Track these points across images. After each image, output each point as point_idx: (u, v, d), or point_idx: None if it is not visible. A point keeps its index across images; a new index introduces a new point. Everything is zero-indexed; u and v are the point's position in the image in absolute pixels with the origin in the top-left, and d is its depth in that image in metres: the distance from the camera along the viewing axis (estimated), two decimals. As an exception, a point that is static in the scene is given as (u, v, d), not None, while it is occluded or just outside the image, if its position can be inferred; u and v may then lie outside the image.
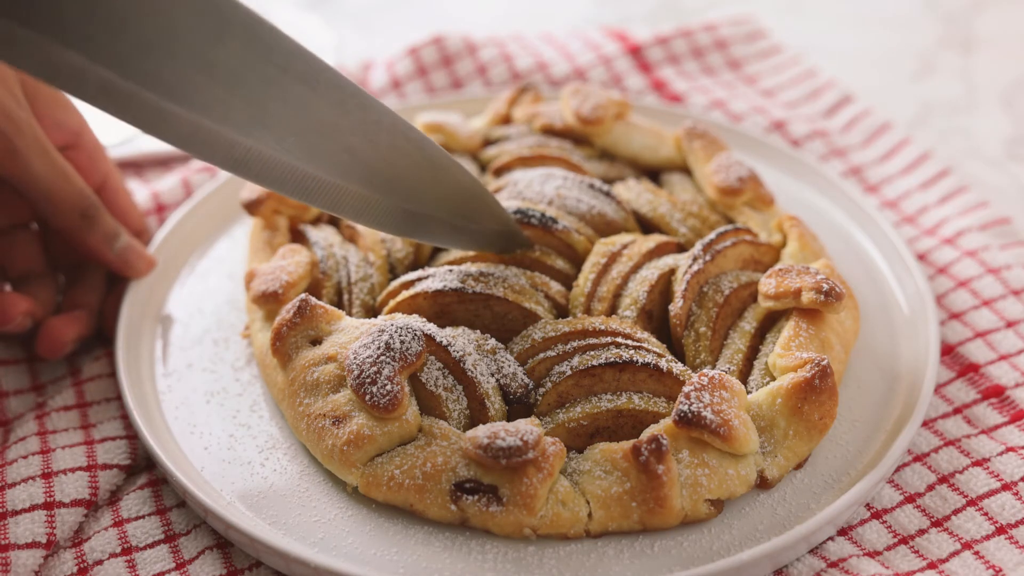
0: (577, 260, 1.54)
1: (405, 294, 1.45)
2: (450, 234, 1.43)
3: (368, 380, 1.30)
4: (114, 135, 2.03)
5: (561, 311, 1.48)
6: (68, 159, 1.53)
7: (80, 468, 1.38)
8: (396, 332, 1.35)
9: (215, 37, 1.17)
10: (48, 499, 1.34)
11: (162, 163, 2.01)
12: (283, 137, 1.24)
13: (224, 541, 1.33)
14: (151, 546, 1.33)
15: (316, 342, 1.41)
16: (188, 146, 1.19)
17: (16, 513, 1.32)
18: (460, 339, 1.38)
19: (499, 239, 1.49)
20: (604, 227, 1.59)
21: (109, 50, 1.10)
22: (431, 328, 1.38)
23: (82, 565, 1.30)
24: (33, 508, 1.33)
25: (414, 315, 1.42)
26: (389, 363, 1.32)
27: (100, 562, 1.30)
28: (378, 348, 1.33)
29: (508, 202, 1.58)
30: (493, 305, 1.42)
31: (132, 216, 1.67)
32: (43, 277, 1.58)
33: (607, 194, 1.62)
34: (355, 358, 1.33)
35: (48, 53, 1.07)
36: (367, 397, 1.29)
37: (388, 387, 1.30)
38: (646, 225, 1.63)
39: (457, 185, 1.41)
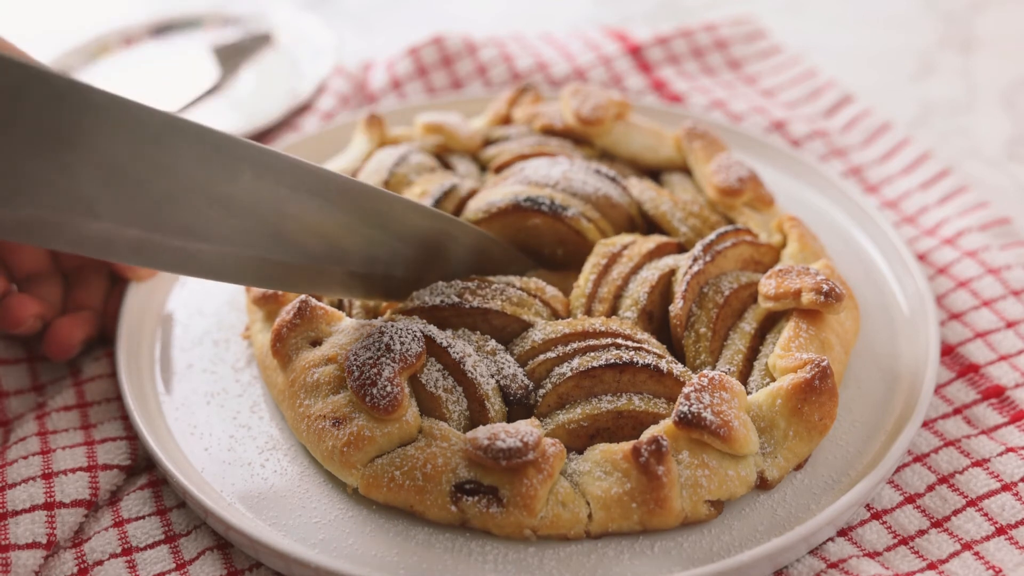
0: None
1: (401, 307, 1.45)
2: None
3: (368, 381, 1.30)
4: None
5: (559, 318, 1.47)
6: None
7: (80, 468, 1.38)
8: (396, 333, 1.35)
9: (228, 175, 1.21)
10: (48, 499, 1.34)
11: (162, 163, 2.01)
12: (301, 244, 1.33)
13: (224, 542, 1.33)
14: (151, 546, 1.33)
15: (316, 343, 1.41)
16: (219, 276, 1.29)
17: (16, 513, 1.32)
18: (460, 341, 1.38)
19: (465, 263, 1.49)
20: (609, 209, 1.60)
21: (133, 211, 1.16)
22: (431, 330, 1.38)
23: (82, 565, 1.30)
24: (33, 508, 1.33)
25: (414, 317, 1.42)
26: (389, 364, 1.32)
27: (100, 562, 1.30)
28: (378, 349, 1.33)
29: (514, 187, 1.59)
30: (492, 319, 1.42)
31: None
32: (50, 277, 1.58)
33: (613, 179, 1.63)
34: (355, 359, 1.33)
35: (77, 229, 1.12)
36: (367, 398, 1.29)
37: (388, 388, 1.30)
38: (648, 222, 1.63)
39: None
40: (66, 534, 1.33)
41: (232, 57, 2.31)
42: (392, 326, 1.36)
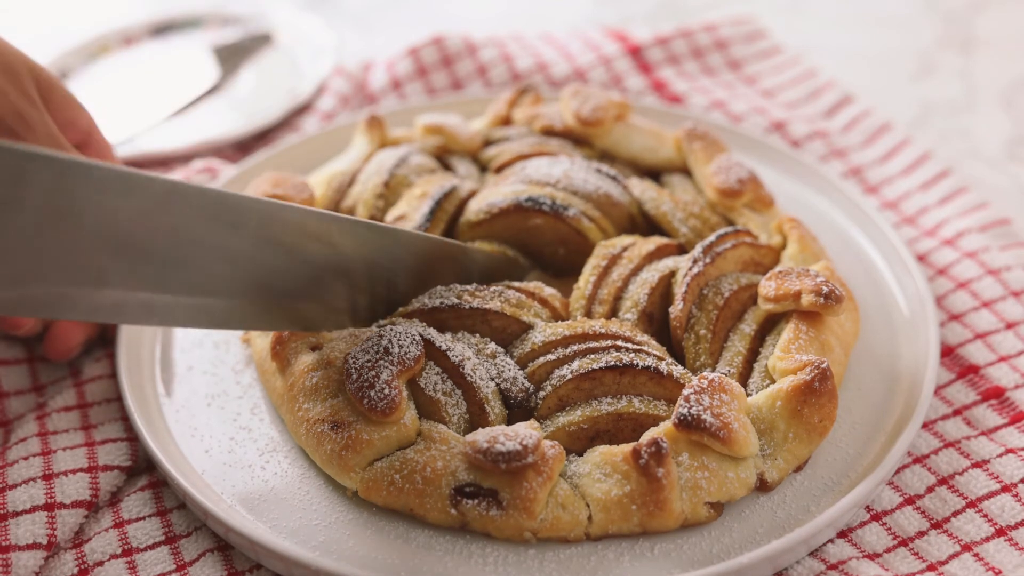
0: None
1: (402, 310, 1.45)
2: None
3: (366, 384, 1.30)
4: (114, 135, 2.03)
5: (558, 318, 1.48)
6: None
7: (81, 469, 1.38)
8: (395, 336, 1.35)
9: (233, 230, 1.24)
10: (49, 500, 1.34)
11: (162, 163, 2.01)
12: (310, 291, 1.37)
13: (225, 543, 1.33)
14: (152, 547, 1.33)
15: (316, 348, 1.42)
16: (233, 326, 1.33)
17: (17, 514, 1.32)
18: (459, 344, 1.38)
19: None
20: (610, 208, 1.60)
21: (142, 276, 1.19)
22: (431, 333, 1.38)
23: (83, 566, 1.30)
24: (34, 509, 1.33)
25: (413, 319, 1.42)
26: (387, 367, 1.32)
27: (101, 563, 1.30)
28: (377, 352, 1.33)
29: (515, 186, 1.59)
30: (491, 320, 1.42)
31: None
32: None
33: (613, 178, 1.63)
34: (353, 362, 1.33)
35: (88, 299, 1.16)
36: (365, 401, 1.29)
37: (386, 391, 1.30)
38: (648, 222, 1.63)
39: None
40: (66, 535, 1.33)
41: (232, 57, 2.31)
42: (391, 329, 1.36)
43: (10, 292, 1.10)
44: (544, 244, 1.60)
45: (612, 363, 1.34)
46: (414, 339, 1.35)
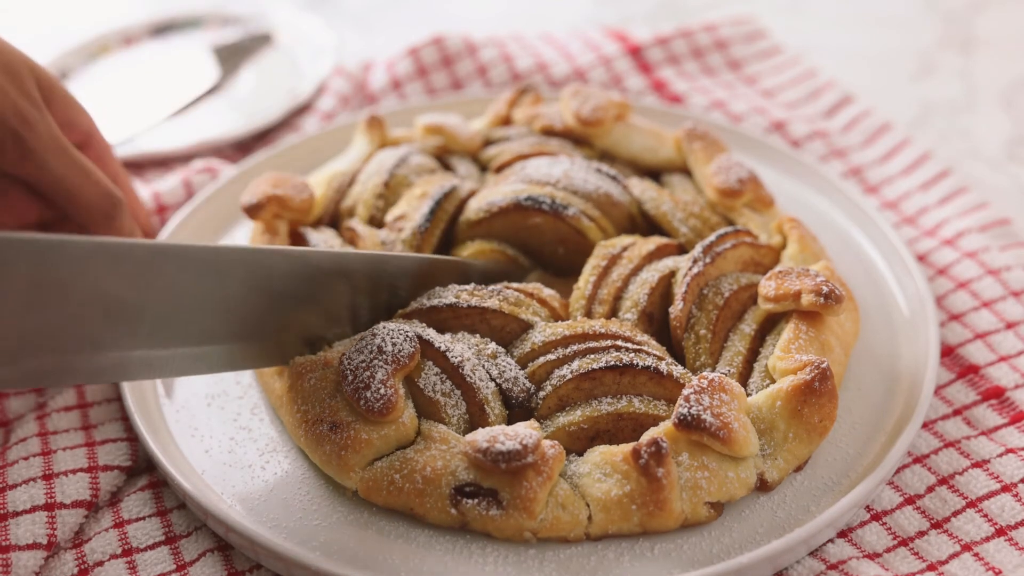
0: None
1: (401, 311, 1.45)
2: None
3: (362, 385, 1.30)
4: (114, 135, 2.03)
5: (557, 317, 1.48)
6: None
7: (81, 469, 1.38)
8: (388, 335, 1.35)
9: (220, 280, 1.27)
10: (49, 500, 1.34)
11: (162, 163, 2.01)
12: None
13: (225, 544, 1.33)
14: (152, 547, 1.33)
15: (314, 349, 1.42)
16: (233, 368, 1.36)
17: (17, 514, 1.32)
18: (459, 344, 1.38)
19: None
20: (610, 207, 1.60)
21: (136, 336, 1.21)
22: (430, 333, 1.38)
23: (83, 566, 1.30)
24: (34, 509, 1.33)
25: (413, 320, 1.42)
26: (382, 366, 1.32)
27: (101, 563, 1.30)
28: (371, 352, 1.33)
29: (515, 186, 1.60)
30: (490, 318, 1.42)
31: (140, 215, 1.68)
32: None
33: (613, 178, 1.63)
34: (349, 363, 1.33)
35: (86, 365, 1.18)
36: (362, 402, 1.29)
37: (382, 391, 1.30)
38: (648, 222, 1.63)
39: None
40: (66, 535, 1.33)
41: (232, 57, 2.31)
42: (384, 328, 1.36)
43: (9, 370, 1.12)
44: (544, 243, 1.60)
45: (612, 363, 1.34)
46: (407, 336, 1.35)
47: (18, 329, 1.10)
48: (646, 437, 1.27)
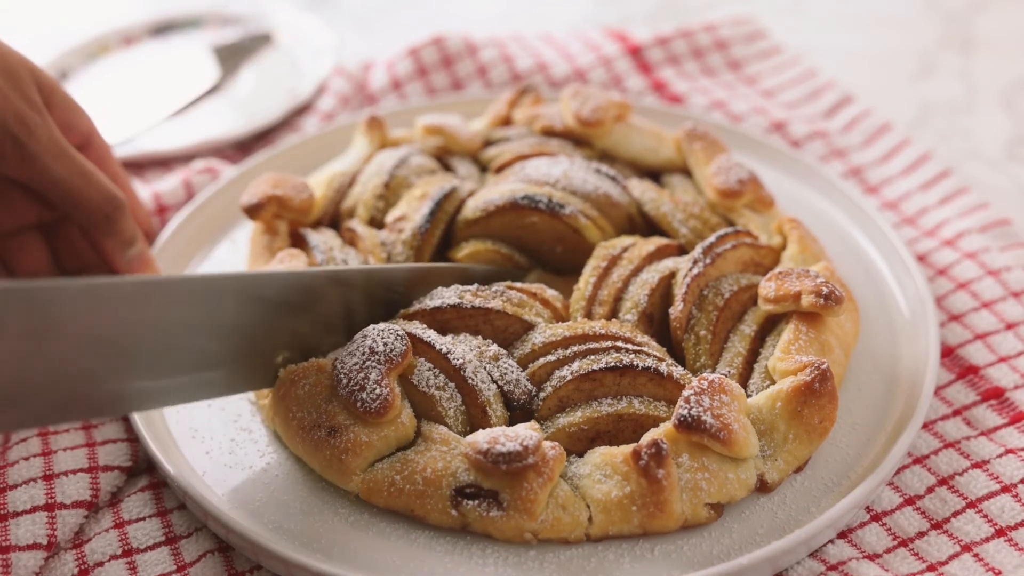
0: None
1: (403, 312, 1.45)
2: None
3: (357, 387, 1.30)
4: (114, 135, 2.03)
5: (559, 318, 1.48)
6: None
7: (81, 470, 1.38)
8: (379, 335, 1.35)
9: (212, 309, 1.27)
10: (49, 500, 1.34)
11: (162, 163, 2.01)
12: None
13: (225, 544, 1.33)
14: (152, 548, 1.33)
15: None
16: (234, 391, 1.37)
17: (17, 514, 1.32)
18: (460, 346, 1.38)
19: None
20: (609, 208, 1.60)
21: (133, 369, 1.22)
22: (431, 335, 1.38)
23: (83, 566, 1.30)
24: (34, 509, 1.33)
25: (414, 321, 1.42)
26: (375, 367, 1.32)
27: (101, 563, 1.30)
28: (363, 354, 1.33)
29: (514, 185, 1.60)
30: (493, 319, 1.42)
31: (140, 216, 1.68)
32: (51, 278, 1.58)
33: (613, 178, 1.63)
34: (341, 367, 1.33)
35: (86, 400, 1.19)
36: (358, 404, 1.29)
37: (377, 391, 1.30)
38: (647, 222, 1.63)
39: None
40: (67, 535, 1.33)
41: (232, 57, 2.31)
42: (373, 329, 1.36)
43: (11, 413, 1.13)
44: (541, 242, 1.60)
45: (612, 364, 1.34)
46: (398, 335, 1.35)
47: (15, 375, 1.11)
48: (646, 438, 1.27)
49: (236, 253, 1.73)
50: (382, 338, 1.34)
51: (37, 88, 1.46)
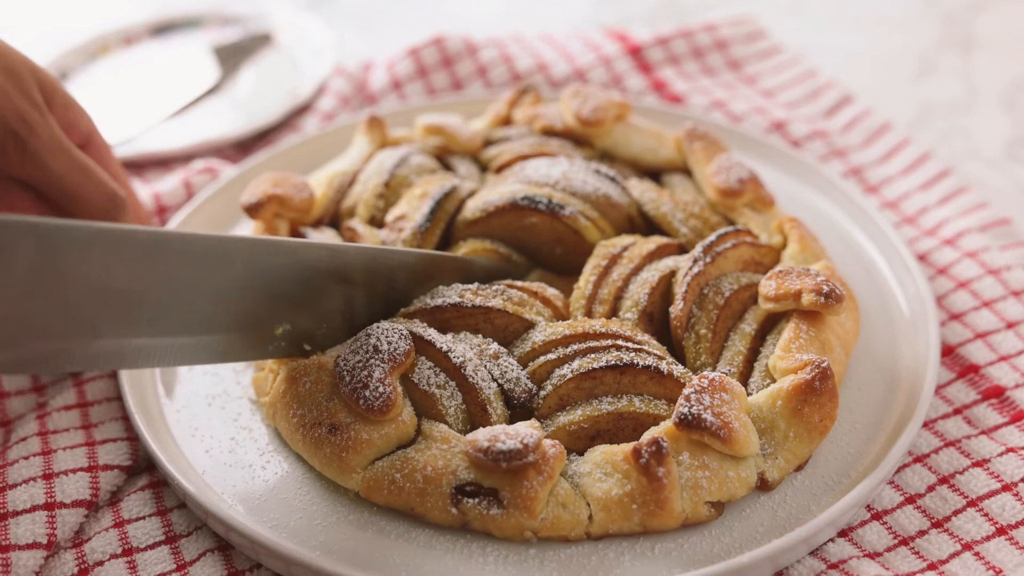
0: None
1: (403, 310, 1.45)
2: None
3: (360, 384, 1.30)
4: (114, 135, 2.03)
5: (560, 317, 1.48)
6: None
7: (81, 469, 1.38)
8: (383, 334, 1.35)
9: (221, 270, 1.26)
10: (49, 500, 1.34)
11: (162, 163, 2.01)
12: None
13: (225, 543, 1.33)
14: (152, 547, 1.33)
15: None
16: (233, 359, 1.36)
17: (17, 514, 1.32)
18: (460, 345, 1.38)
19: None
20: (609, 209, 1.60)
21: (135, 324, 1.21)
22: (431, 334, 1.38)
23: (83, 566, 1.30)
24: (34, 509, 1.33)
25: (415, 320, 1.42)
26: (379, 365, 1.32)
27: (101, 563, 1.30)
28: (367, 352, 1.33)
29: (513, 186, 1.60)
30: (494, 318, 1.42)
31: (140, 216, 1.68)
32: None
33: (612, 179, 1.63)
34: (344, 364, 1.33)
35: (84, 351, 1.18)
36: (360, 402, 1.29)
37: (380, 389, 1.30)
38: (647, 222, 1.63)
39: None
40: (67, 534, 1.33)
41: (232, 57, 2.31)
42: (377, 327, 1.36)
43: (7, 354, 1.12)
44: (541, 243, 1.60)
45: (612, 362, 1.34)
46: (402, 334, 1.35)
47: (17, 314, 1.09)
48: (647, 436, 1.27)
49: (236, 252, 1.72)
50: (386, 337, 1.34)
51: (38, 87, 1.46)
